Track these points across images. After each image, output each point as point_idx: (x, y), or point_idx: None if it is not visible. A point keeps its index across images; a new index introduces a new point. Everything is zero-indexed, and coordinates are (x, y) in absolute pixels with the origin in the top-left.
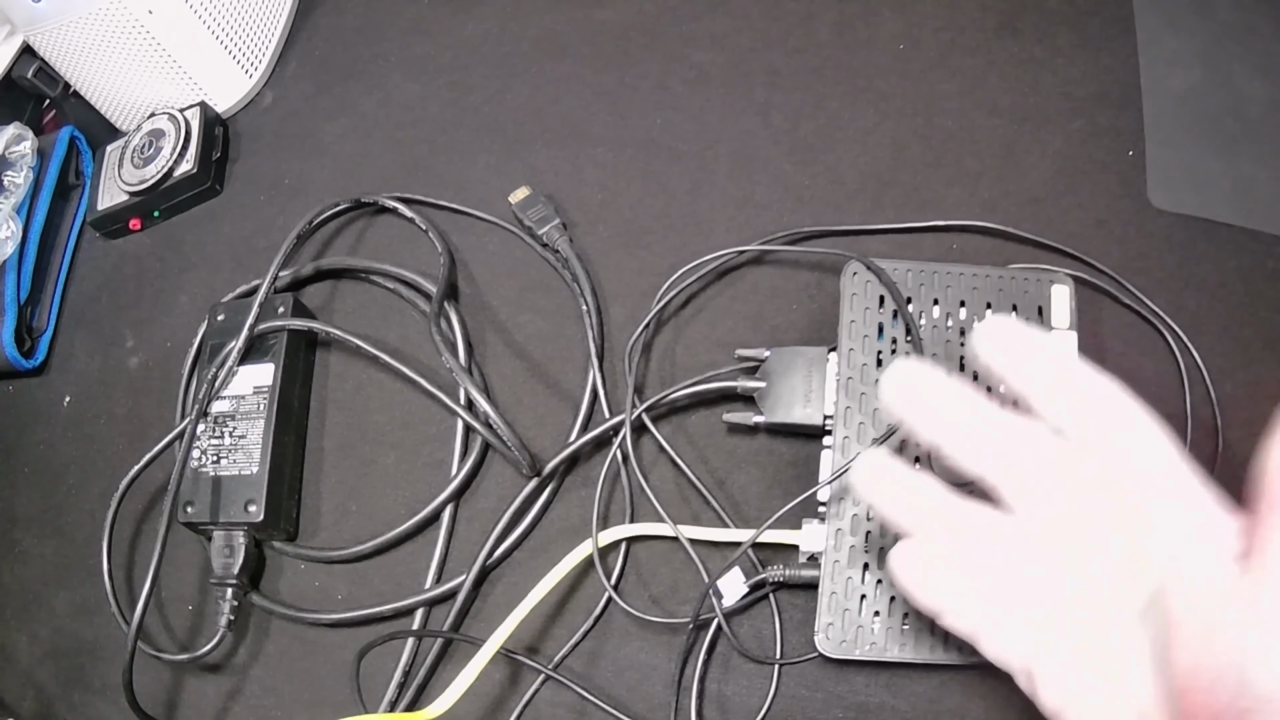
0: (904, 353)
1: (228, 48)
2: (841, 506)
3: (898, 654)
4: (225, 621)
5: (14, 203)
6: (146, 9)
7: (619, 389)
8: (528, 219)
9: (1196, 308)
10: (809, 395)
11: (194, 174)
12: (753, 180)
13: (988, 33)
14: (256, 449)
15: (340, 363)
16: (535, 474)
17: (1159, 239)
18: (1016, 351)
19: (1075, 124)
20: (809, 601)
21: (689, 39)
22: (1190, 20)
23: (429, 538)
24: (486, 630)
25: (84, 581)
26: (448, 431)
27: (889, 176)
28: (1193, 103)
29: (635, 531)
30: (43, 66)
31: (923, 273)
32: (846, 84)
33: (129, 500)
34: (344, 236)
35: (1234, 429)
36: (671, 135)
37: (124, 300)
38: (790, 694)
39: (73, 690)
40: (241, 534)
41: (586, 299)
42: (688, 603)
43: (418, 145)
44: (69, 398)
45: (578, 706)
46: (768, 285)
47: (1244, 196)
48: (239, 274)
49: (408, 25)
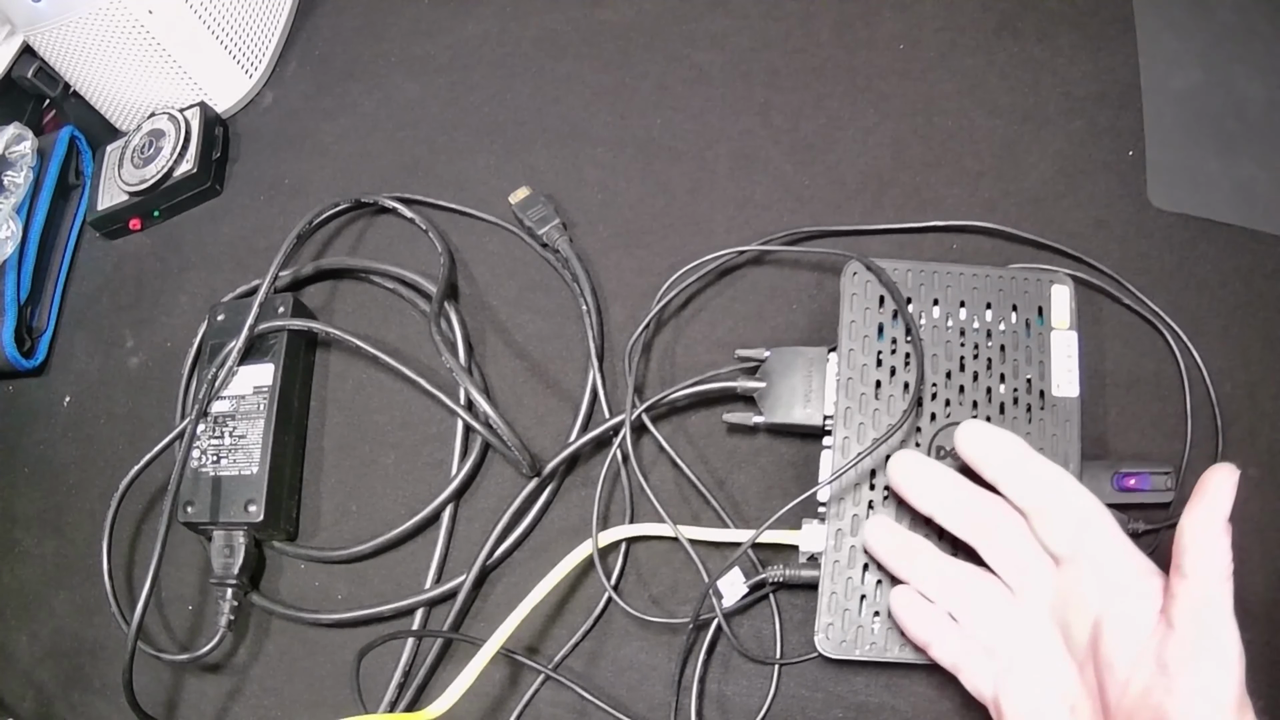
0: (905, 354)
1: (228, 48)
2: (841, 507)
3: (898, 654)
4: (225, 621)
5: (14, 203)
6: (146, 9)
7: (619, 389)
8: (528, 219)
9: (1196, 308)
10: (809, 395)
11: (194, 174)
12: (753, 180)
13: (988, 33)
14: (256, 449)
15: (340, 363)
16: (535, 474)
17: (1159, 239)
18: (986, 448)
19: (1075, 124)
20: (809, 602)
21: (689, 39)
22: (1190, 20)
23: (429, 538)
24: (486, 630)
25: (84, 581)
26: (448, 431)
27: (889, 176)
28: (1193, 103)
29: (635, 532)
30: (43, 66)
31: (923, 273)
32: (846, 84)
33: (129, 500)
34: (344, 236)
35: (1234, 429)
36: (671, 135)
37: (124, 300)
38: (790, 694)
39: (73, 690)
40: (241, 534)
41: (586, 299)
42: (688, 603)
43: (418, 145)
44: (69, 398)
45: (578, 707)
46: (768, 285)
47: (1244, 196)
48: (239, 274)
49: (408, 25)
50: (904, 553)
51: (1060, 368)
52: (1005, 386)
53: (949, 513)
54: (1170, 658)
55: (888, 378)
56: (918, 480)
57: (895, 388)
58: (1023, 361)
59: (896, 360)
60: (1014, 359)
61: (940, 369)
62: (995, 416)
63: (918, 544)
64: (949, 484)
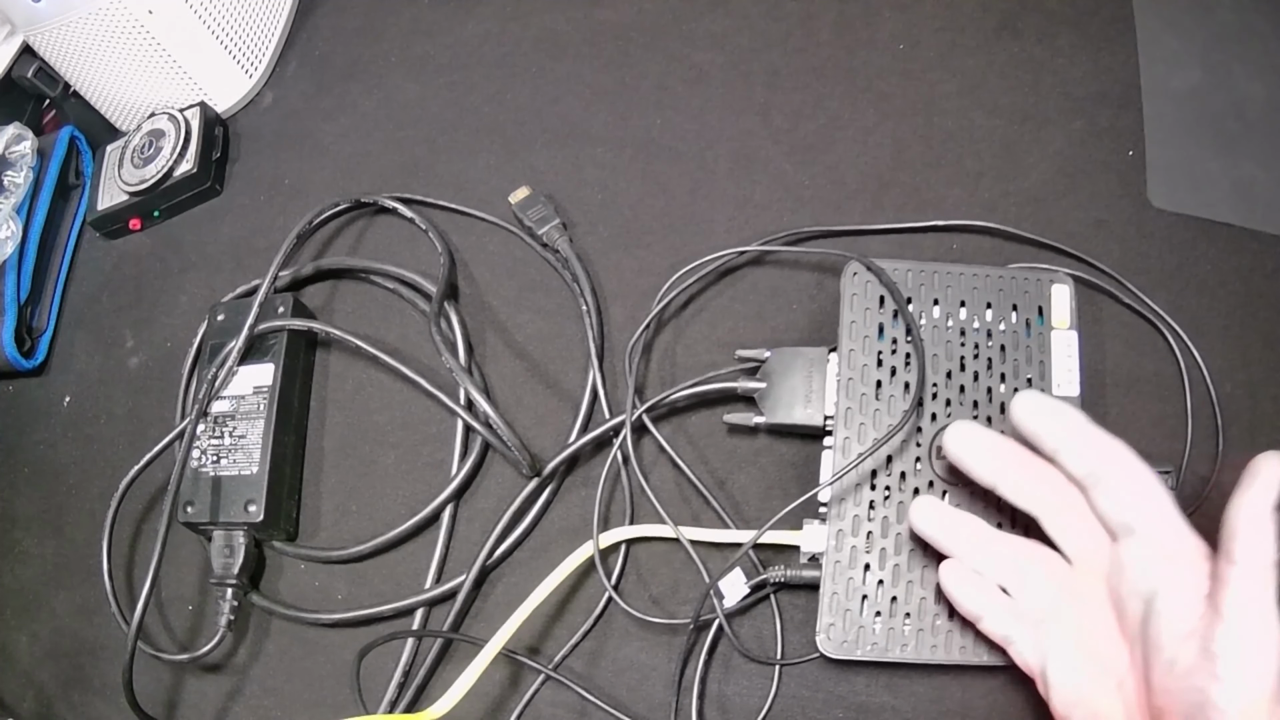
0: (905, 354)
1: (228, 48)
2: (842, 507)
3: (899, 654)
4: (225, 621)
5: (14, 203)
6: (146, 9)
7: (619, 389)
8: (528, 219)
9: (1196, 308)
10: (809, 396)
11: (194, 174)
12: (753, 180)
13: (988, 33)
14: (256, 449)
15: (340, 363)
16: (535, 474)
17: (1159, 239)
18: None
19: (1075, 124)
20: (810, 602)
21: (689, 39)
22: (1190, 20)
23: (429, 538)
24: (486, 630)
25: (84, 581)
26: (448, 431)
27: (889, 176)
28: (1193, 103)
29: (636, 533)
30: (43, 66)
31: (923, 273)
32: (846, 84)
33: (129, 500)
34: (344, 236)
35: (1234, 429)
36: (671, 135)
37: (124, 300)
38: (791, 694)
39: (73, 690)
40: (241, 534)
41: (586, 299)
42: (688, 603)
43: (418, 145)
44: (69, 398)
45: (578, 707)
46: (768, 285)
47: (1244, 196)
48: (239, 274)
49: (408, 25)
50: (954, 528)
51: (1060, 367)
52: (1005, 386)
53: (1010, 482)
54: (1216, 643)
55: (888, 378)
56: (979, 449)
57: (896, 388)
58: (1023, 361)
59: (897, 360)
60: (1014, 359)
61: (941, 369)
62: (996, 416)
63: (967, 518)
64: (1011, 453)
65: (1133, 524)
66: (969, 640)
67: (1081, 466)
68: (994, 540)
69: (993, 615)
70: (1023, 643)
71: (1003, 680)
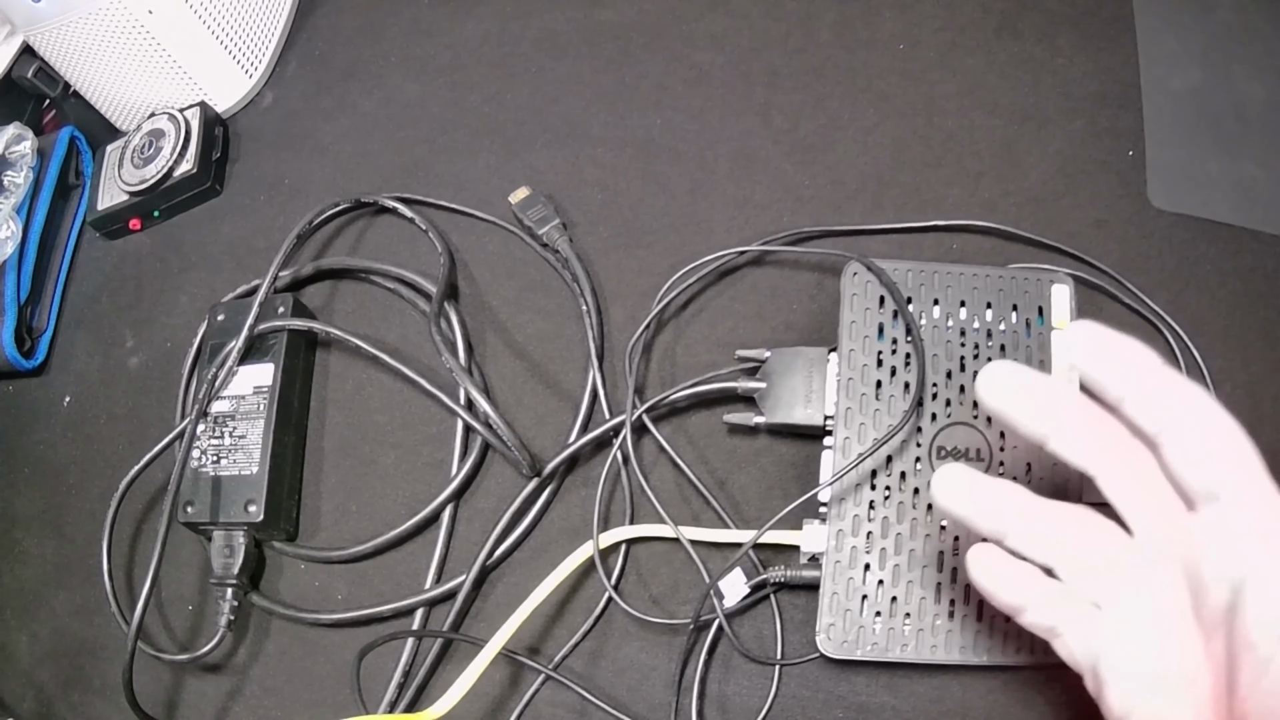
0: (905, 354)
1: (228, 48)
2: (843, 507)
3: (899, 654)
4: (225, 621)
5: (14, 203)
6: (146, 9)
7: (619, 389)
8: (528, 219)
9: (1196, 308)
10: (809, 396)
11: (194, 174)
12: (753, 180)
13: (988, 33)
14: (256, 449)
15: (340, 363)
16: (535, 474)
17: (1159, 239)
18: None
19: (1075, 124)
20: (810, 602)
21: (689, 39)
22: (1190, 20)
23: (429, 538)
24: (486, 630)
25: (84, 581)
26: (448, 431)
27: (889, 176)
28: (1193, 103)
29: (636, 533)
30: (43, 66)
31: (923, 273)
32: (846, 84)
33: (129, 500)
34: (344, 236)
35: None
36: (671, 135)
37: (124, 300)
38: (791, 694)
39: (73, 690)
40: (241, 534)
41: (586, 299)
42: (688, 603)
43: (418, 145)
44: (69, 398)
45: (578, 707)
46: (768, 285)
47: (1244, 196)
48: (239, 274)
49: (408, 25)
50: (991, 500)
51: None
52: None
53: (1065, 435)
54: None
55: (888, 378)
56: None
57: (896, 388)
58: (1023, 361)
59: (897, 360)
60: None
61: (941, 369)
62: None
63: (1006, 487)
64: (1065, 399)
65: (1217, 490)
66: (969, 640)
67: (1153, 417)
68: (1040, 510)
69: (1037, 605)
70: (1071, 633)
71: (1003, 680)
